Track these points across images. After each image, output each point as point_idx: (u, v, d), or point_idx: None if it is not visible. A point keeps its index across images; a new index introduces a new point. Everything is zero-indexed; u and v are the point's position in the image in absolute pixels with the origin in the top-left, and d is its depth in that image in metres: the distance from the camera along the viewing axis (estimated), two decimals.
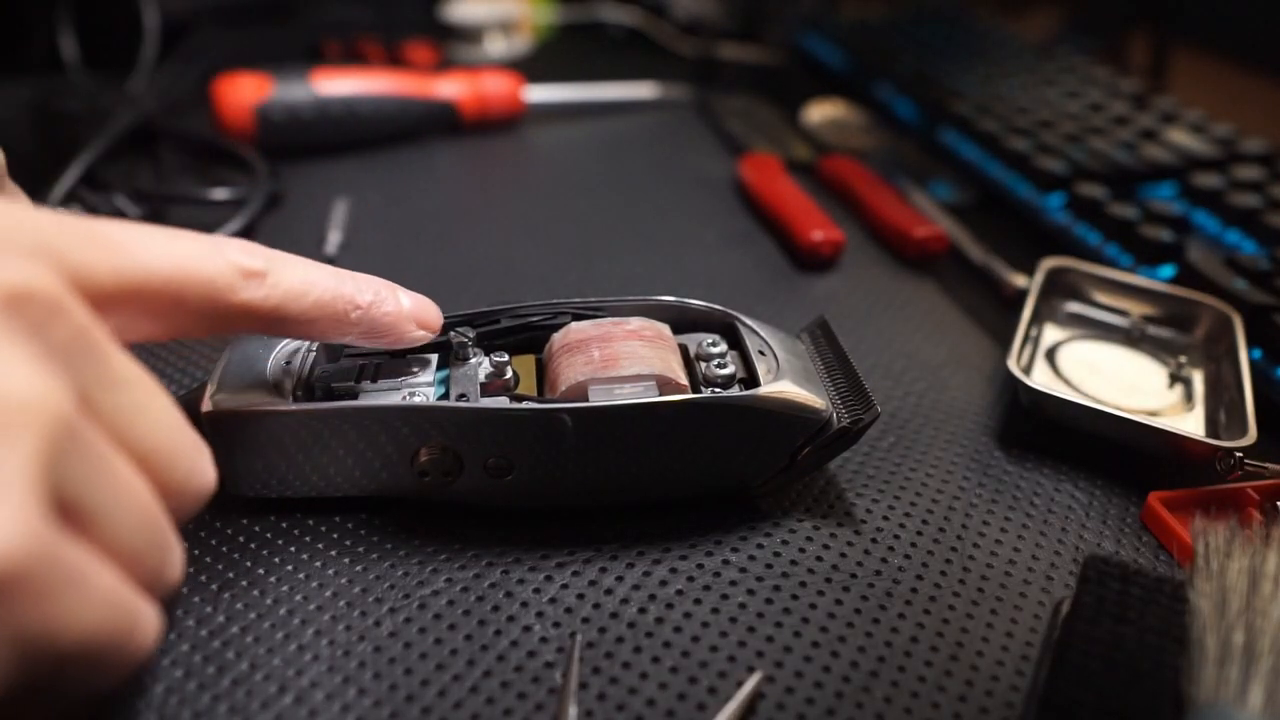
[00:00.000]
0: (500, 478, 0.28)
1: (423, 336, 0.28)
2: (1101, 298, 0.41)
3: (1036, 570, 0.29)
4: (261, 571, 0.27)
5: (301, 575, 0.27)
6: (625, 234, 0.48)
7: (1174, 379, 0.37)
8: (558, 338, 0.30)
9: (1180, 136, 0.54)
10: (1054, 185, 0.49)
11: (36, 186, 0.37)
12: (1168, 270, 0.43)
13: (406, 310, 0.27)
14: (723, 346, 0.31)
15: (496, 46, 0.72)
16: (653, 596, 0.27)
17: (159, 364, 0.36)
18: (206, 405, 0.27)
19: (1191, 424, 0.34)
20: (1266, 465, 0.31)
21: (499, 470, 0.27)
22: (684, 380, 0.29)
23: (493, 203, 0.51)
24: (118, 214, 0.43)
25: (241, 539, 0.28)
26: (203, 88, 0.54)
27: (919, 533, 0.30)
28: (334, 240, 0.45)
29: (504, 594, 0.27)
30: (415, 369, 0.29)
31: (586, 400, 0.27)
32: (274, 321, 0.24)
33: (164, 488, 0.21)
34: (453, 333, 0.30)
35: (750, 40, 0.75)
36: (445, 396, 0.28)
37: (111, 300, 0.20)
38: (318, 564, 0.28)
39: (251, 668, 0.24)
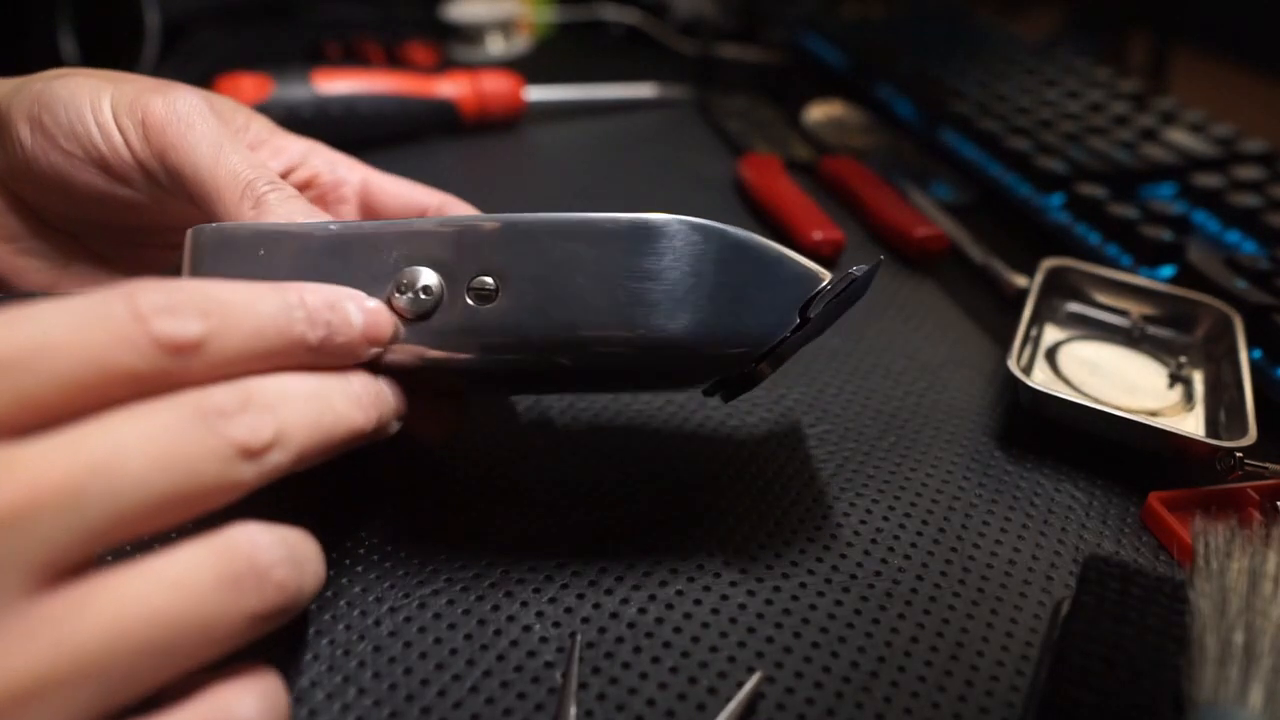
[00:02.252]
0: (486, 302, 0.24)
1: (374, 355, 0.24)
2: (1101, 298, 0.41)
3: (1036, 570, 0.29)
4: None
5: None
6: None
7: (1174, 379, 0.37)
8: None
9: (1180, 136, 0.54)
10: (1054, 185, 0.49)
11: None
12: (1168, 270, 0.43)
13: (358, 334, 0.24)
14: None
15: (496, 46, 0.72)
16: (653, 596, 0.27)
17: None
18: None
19: (1191, 424, 0.34)
20: (1266, 465, 0.31)
21: (485, 294, 0.24)
22: None
23: (493, 202, 0.51)
24: None
25: None
26: (203, 88, 0.54)
27: (919, 533, 0.30)
28: None
29: (504, 594, 0.27)
30: None
31: None
32: (213, 382, 0.21)
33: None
34: None
35: (750, 40, 0.75)
36: None
37: (8, 432, 0.18)
38: None
39: None
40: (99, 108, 0.29)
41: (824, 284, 0.26)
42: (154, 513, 0.18)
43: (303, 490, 0.30)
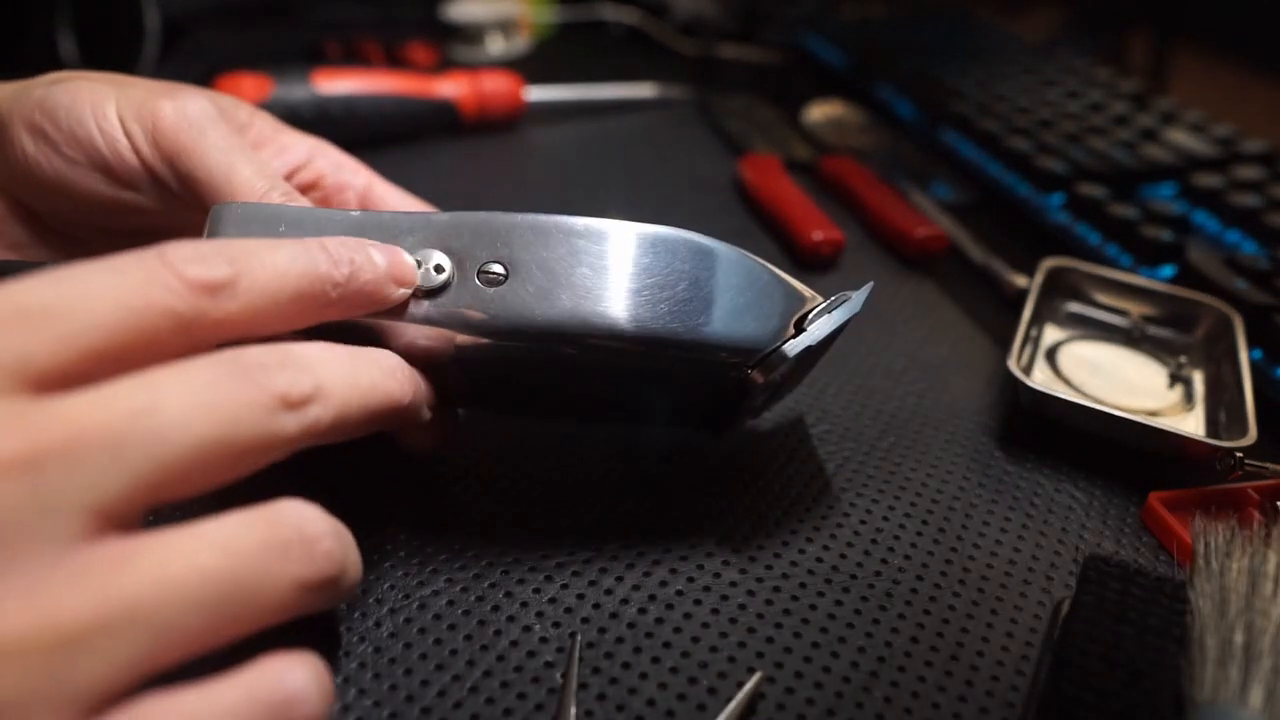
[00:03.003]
0: (494, 286, 0.25)
1: (402, 296, 0.25)
2: (1101, 298, 0.41)
3: (1036, 570, 0.29)
4: None
5: None
6: None
7: (1174, 379, 0.37)
8: None
9: (1180, 136, 0.54)
10: (1054, 185, 0.49)
11: None
12: (1168, 270, 0.43)
13: (384, 271, 0.24)
14: None
15: (496, 46, 0.72)
16: (653, 597, 0.27)
17: None
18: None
19: (1191, 424, 0.34)
20: (1266, 465, 0.31)
21: (493, 278, 0.25)
22: None
23: (493, 202, 0.51)
24: None
25: None
26: (203, 88, 0.54)
27: (919, 533, 0.30)
28: None
29: (504, 594, 0.27)
30: None
31: None
32: (250, 330, 0.21)
33: None
34: None
35: (750, 40, 0.75)
36: None
37: (56, 381, 0.18)
38: None
39: None
40: (102, 113, 0.29)
41: (817, 303, 0.27)
42: (198, 464, 0.19)
43: (302, 492, 0.30)
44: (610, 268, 0.25)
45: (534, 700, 0.24)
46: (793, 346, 0.26)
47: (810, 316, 0.27)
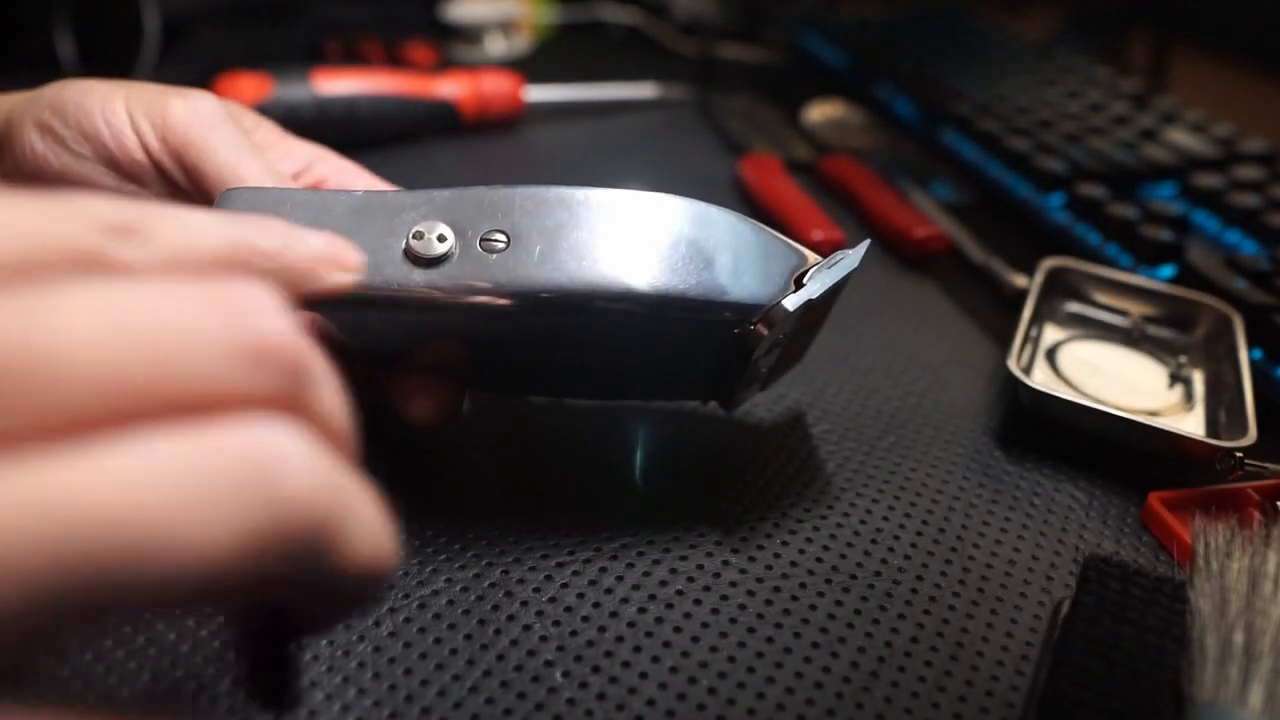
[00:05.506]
0: (497, 253, 0.25)
1: (343, 281, 0.24)
2: (1101, 298, 0.41)
3: (1036, 570, 0.29)
4: None
5: None
6: None
7: (1174, 379, 0.37)
8: None
9: (1180, 136, 0.54)
10: (1054, 185, 0.49)
11: None
12: (1168, 270, 0.43)
13: (320, 251, 0.23)
14: None
15: (496, 46, 0.72)
16: (653, 596, 0.27)
17: None
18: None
19: (1191, 424, 0.34)
20: (1266, 465, 0.31)
21: (496, 245, 0.25)
22: None
23: None
24: None
25: None
26: (203, 88, 0.54)
27: (919, 533, 0.30)
28: None
29: (504, 594, 0.27)
30: None
31: None
32: None
33: None
34: None
35: (750, 40, 0.75)
36: None
37: None
38: None
39: None
40: (110, 107, 0.30)
41: (816, 261, 0.28)
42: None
43: None
44: (611, 231, 0.25)
45: (534, 700, 0.24)
46: (794, 300, 0.26)
47: (810, 273, 0.27)
